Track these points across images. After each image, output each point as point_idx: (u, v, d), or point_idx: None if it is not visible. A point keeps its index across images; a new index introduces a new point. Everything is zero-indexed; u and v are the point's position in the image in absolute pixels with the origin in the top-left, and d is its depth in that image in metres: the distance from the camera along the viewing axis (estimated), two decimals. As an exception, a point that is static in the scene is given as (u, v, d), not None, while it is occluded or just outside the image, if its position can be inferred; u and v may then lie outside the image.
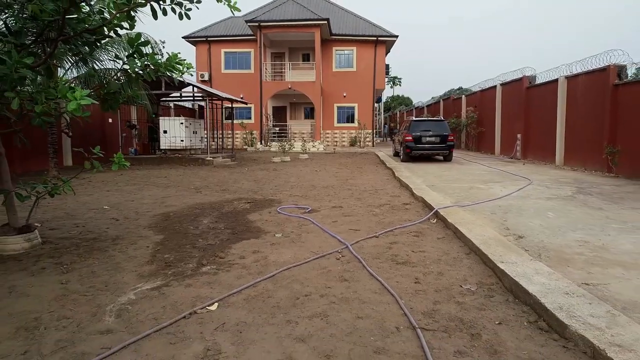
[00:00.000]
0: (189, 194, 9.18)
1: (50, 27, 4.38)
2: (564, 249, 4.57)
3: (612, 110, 11.27)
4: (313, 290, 3.69)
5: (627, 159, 10.73)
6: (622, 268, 3.96)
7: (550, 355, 2.56)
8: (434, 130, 15.54)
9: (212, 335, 2.89)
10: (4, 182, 4.87)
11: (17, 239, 4.77)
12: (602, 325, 2.65)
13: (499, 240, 4.76)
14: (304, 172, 13.34)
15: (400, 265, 4.31)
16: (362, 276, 4.03)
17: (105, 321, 3.15)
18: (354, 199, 8.29)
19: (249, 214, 7.05)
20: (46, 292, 3.70)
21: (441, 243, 5.14)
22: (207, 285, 3.83)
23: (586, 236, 5.09)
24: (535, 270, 3.69)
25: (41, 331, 3.00)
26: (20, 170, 12.27)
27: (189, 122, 16.66)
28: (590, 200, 7.52)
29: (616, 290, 3.44)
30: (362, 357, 2.58)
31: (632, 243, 4.78)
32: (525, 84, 16.46)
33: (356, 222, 6.30)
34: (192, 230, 5.92)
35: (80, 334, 2.94)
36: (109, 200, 8.38)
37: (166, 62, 4.59)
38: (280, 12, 25.18)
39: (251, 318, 3.15)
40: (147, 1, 4.45)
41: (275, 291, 3.67)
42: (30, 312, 3.28)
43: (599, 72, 11.92)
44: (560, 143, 14.02)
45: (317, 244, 5.17)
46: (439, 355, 2.58)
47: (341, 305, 3.35)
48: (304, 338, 2.83)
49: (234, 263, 4.46)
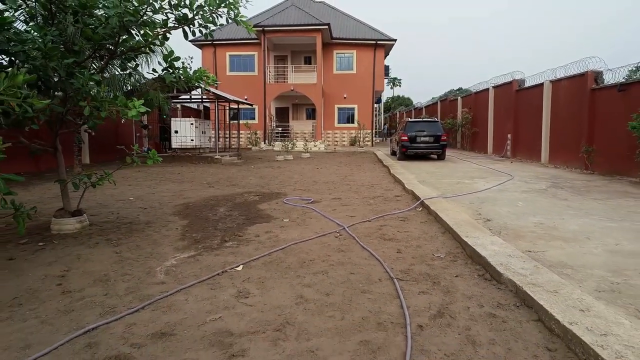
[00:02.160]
0: (203, 188, 10.17)
1: (102, 46, 5.38)
2: (521, 229, 5.57)
3: (590, 113, 12.27)
4: (316, 257, 4.68)
5: (601, 157, 11.73)
6: (562, 241, 4.95)
7: (487, 292, 3.56)
8: (428, 131, 16.53)
9: (241, 284, 3.89)
10: (60, 174, 5.88)
11: (71, 220, 5.78)
12: (526, 274, 3.64)
13: (470, 222, 5.76)
14: (306, 170, 14.34)
15: (386, 241, 5.31)
16: (355, 248, 5.02)
17: (157, 277, 4.15)
18: (352, 192, 9.29)
19: (258, 204, 8.04)
20: (106, 258, 4.71)
21: (423, 225, 6.14)
22: (232, 255, 4.82)
23: (543, 219, 6.09)
24: (491, 242, 4.68)
25: (112, 282, 4.00)
26: (45, 167, 13.30)
27: (198, 122, 17.69)
28: (560, 193, 8.51)
29: (550, 255, 4.43)
30: (352, 295, 3.58)
31: (579, 225, 5.77)
32: (515, 87, 17.46)
33: (353, 210, 7.29)
34: (211, 217, 6.92)
35: (142, 284, 3.94)
36: (133, 193, 9.37)
37: (196, 75, 5.58)
38: (283, 17, 26.19)
39: (269, 274, 4.15)
40: (181, 26, 5.47)
41: (286, 258, 4.67)
42: (99, 271, 4.28)
43: (579, 77, 12.91)
44: (545, 143, 15.02)
45: (319, 226, 6.16)
46: (407, 294, 3.58)
47: (338, 267, 4.35)
48: (310, 285, 3.83)
49: (251, 240, 5.46)
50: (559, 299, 3.10)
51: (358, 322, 3.09)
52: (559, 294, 3.19)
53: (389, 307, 3.33)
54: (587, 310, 2.90)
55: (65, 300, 3.58)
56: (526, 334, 2.87)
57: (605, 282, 3.66)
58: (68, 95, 4.66)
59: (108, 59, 5.19)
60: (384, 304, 3.39)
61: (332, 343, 2.80)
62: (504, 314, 3.17)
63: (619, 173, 10.92)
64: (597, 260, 4.26)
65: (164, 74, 5.56)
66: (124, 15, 4.53)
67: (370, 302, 3.44)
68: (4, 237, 5.56)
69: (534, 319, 3.06)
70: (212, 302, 3.49)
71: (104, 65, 5.22)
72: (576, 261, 4.25)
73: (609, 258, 4.34)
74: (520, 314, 3.16)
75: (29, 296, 3.66)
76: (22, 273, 4.22)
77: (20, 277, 4.10)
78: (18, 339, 2.91)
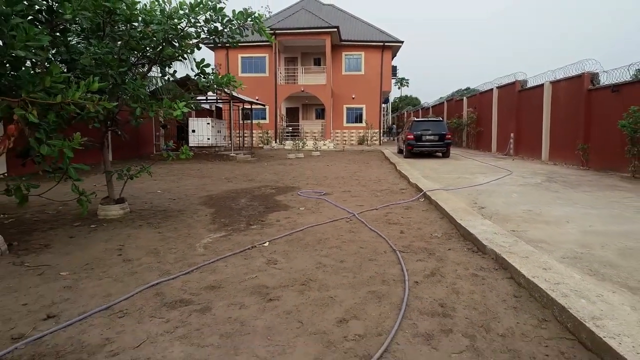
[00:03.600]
0: (222, 183, 11.00)
1: (144, 56, 6.22)
2: (510, 214, 6.32)
3: (586, 112, 12.93)
4: (330, 236, 5.47)
5: (596, 154, 12.39)
6: (544, 224, 5.70)
7: (472, 260, 4.33)
8: (433, 130, 17.25)
9: (269, 255, 4.69)
10: (106, 166, 6.73)
11: (116, 207, 6.63)
12: (506, 246, 4.40)
13: (465, 209, 6.51)
14: (317, 166, 15.14)
15: (391, 225, 6.08)
16: (364, 230, 5.80)
17: (198, 250, 4.96)
18: (360, 186, 10.06)
19: (275, 196, 8.85)
20: (151, 237, 5.54)
21: (424, 213, 6.91)
22: (258, 235, 5.63)
23: (532, 208, 6.82)
24: (481, 224, 5.44)
25: (162, 254, 4.82)
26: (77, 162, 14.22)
27: (214, 122, 18.58)
28: (553, 186, 9.22)
29: (531, 234, 5.18)
30: (362, 262, 4.37)
31: (563, 212, 6.50)
32: (517, 88, 18.11)
33: (361, 201, 8.07)
34: (234, 206, 7.73)
35: (186, 255, 4.75)
36: (159, 187, 10.23)
37: (224, 80, 6.40)
38: (293, 21, 27.03)
39: (292, 249, 4.94)
40: (212, 37, 6.29)
41: (304, 237, 5.46)
42: (148, 246, 5.11)
43: (576, 79, 13.57)
44: (545, 141, 15.67)
45: (332, 213, 6.95)
46: (407, 261, 4.35)
47: (349, 243, 5.13)
48: (326, 255, 4.63)
49: (272, 224, 6.26)
50: (528, 262, 3.85)
51: (366, 279, 3.88)
52: (529, 259, 3.94)
53: (392, 270, 4.11)
54: (549, 269, 3.66)
55: (127, 266, 4.40)
56: (499, 287, 3.63)
57: (571, 252, 4.42)
58: (120, 97, 5.49)
59: (150, 66, 6.03)
60: (388, 268, 4.17)
61: (347, 293, 3.58)
62: (484, 274, 3.94)
63: (612, 169, 11.58)
64: (570, 238, 5.01)
65: (196, 78, 6.38)
66: (168, 31, 5.35)
67: (376, 266, 4.23)
68: (59, 221, 6.42)
69: (507, 277, 3.83)
70: (247, 267, 4.29)
71: (147, 71, 6.07)
72: (552, 238, 5.00)
73: (581, 236, 5.08)
74: (497, 274, 3.93)
75: (97, 263, 4.49)
76: (85, 247, 5.05)
77: (85, 250, 4.93)
78: (100, 290, 3.74)
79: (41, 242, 5.20)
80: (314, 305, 3.35)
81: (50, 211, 7.08)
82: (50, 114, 4.20)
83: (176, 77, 7.15)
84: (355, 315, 3.15)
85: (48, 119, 4.18)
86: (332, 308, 3.29)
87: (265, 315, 3.19)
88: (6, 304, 3.44)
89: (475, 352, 2.62)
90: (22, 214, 6.90)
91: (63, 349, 2.74)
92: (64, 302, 3.48)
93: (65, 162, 4.60)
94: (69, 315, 3.22)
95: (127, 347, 2.75)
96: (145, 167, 6.90)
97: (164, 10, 5.46)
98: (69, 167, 4.57)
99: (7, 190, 4.91)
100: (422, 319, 3.08)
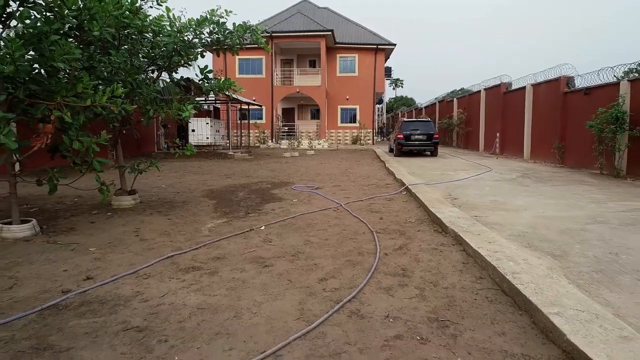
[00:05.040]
0: (222, 179, 11.79)
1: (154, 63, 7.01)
2: (478, 204, 7.15)
3: (562, 114, 13.81)
4: (318, 222, 6.28)
5: (570, 153, 13.28)
6: (504, 211, 6.54)
7: (436, 238, 5.15)
8: (422, 130, 18.12)
9: (265, 236, 5.49)
10: (120, 162, 7.52)
11: (128, 198, 7.41)
12: (465, 227, 5.23)
13: (439, 200, 7.34)
14: (311, 164, 15.96)
15: (373, 213, 6.90)
16: (348, 217, 6.62)
17: (203, 233, 5.76)
18: (350, 181, 10.88)
19: (271, 190, 9.65)
20: (162, 222, 6.33)
21: (404, 203, 7.73)
22: (255, 220, 6.43)
23: (499, 198, 7.67)
24: (449, 211, 6.27)
25: (173, 235, 5.61)
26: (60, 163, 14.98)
27: (213, 122, 19.38)
28: (525, 181, 10.08)
29: (490, 219, 6.02)
30: (343, 240, 5.18)
31: (525, 202, 7.34)
32: (503, 90, 18.99)
33: (349, 194, 8.88)
34: (234, 198, 8.53)
35: (194, 236, 5.55)
36: (163, 182, 11.01)
37: (225, 84, 7.20)
38: (289, 24, 27.85)
39: (284, 231, 5.75)
40: (214, 46, 7.09)
41: (296, 222, 6.27)
42: (160, 229, 5.90)
43: (554, 82, 14.46)
44: (527, 140, 16.55)
45: (321, 204, 7.76)
46: (381, 239, 5.17)
47: (334, 226, 5.95)
48: (314, 235, 5.44)
49: (268, 212, 7.06)
50: (478, 238, 4.68)
51: (345, 252, 4.70)
52: (480, 236, 4.77)
53: (367, 246, 4.93)
54: (493, 243, 4.48)
55: (144, 244, 5.20)
56: (452, 257, 4.46)
57: (518, 232, 5.25)
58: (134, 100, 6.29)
59: (160, 72, 6.83)
60: (364, 244, 4.99)
61: (328, 261, 4.40)
62: (442, 248, 4.77)
63: (584, 166, 12.46)
64: (522, 221, 5.85)
65: (201, 83, 7.19)
66: (177, 43, 6.15)
67: (355, 243, 5.05)
68: (77, 210, 7.20)
69: (460, 250, 4.66)
70: (246, 244, 5.10)
71: (157, 77, 6.86)
72: (506, 222, 5.84)
73: (532, 220, 5.92)
74: (453, 248, 4.76)
75: (118, 242, 5.28)
76: (106, 230, 5.84)
77: (106, 232, 5.72)
78: (124, 261, 4.53)
79: (66, 226, 5.99)
80: (301, 269, 4.17)
81: (67, 202, 7.86)
82: (80, 115, 5.00)
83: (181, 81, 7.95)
84: (333, 276, 3.97)
85: (78, 119, 4.97)
86: (315, 272, 4.10)
87: (262, 276, 4.00)
88: (50, 270, 4.24)
89: (422, 298, 3.45)
90: (42, 204, 7.67)
91: (104, 298, 3.54)
92: (97, 269, 4.27)
93: (90, 156, 5.39)
94: (103, 277, 4.02)
95: (154, 297, 3.55)
96: (154, 162, 7.69)
97: (174, 24, 6.25)
98: (94, 160, 5.35)
99: (38, 181, 5.71)
100: (386, 278, 3.90)
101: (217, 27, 6.52)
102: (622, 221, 5.80)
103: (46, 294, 3.64)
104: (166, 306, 3.35)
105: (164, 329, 2.96)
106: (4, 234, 5.18)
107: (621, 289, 3.43)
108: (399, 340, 2.77)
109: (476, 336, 2.81)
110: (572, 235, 5.10)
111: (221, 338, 2.84)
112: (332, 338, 2.81)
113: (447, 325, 2.97)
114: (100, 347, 2.73)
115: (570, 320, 2.67)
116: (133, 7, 5.96)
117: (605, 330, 2.53)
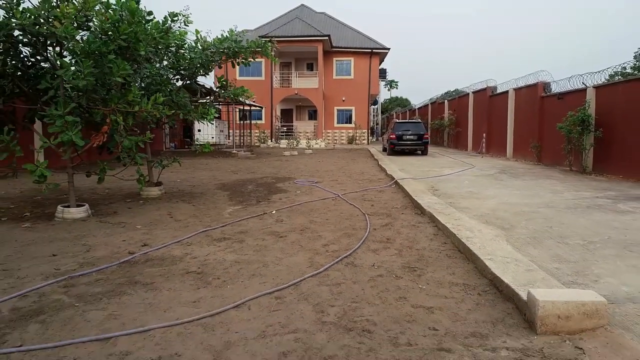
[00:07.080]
0: (229, 175, 13.00)
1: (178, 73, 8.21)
2: (454, 194, 8.41)
3: (540, 116, 15.13)
4: (319, 208, 7.51)
5: (546, 152, 14.60)
6: (475, 199, 7.80)
7: (415, 219, 6.40)
8: (413, 130, 19.42)
9: (277, 218, 6.72)
10: (148, 157, 8.72)
11: (155, 189, 8.61)
12: (439, 210, 6.47)
13: (422, 190, 8.59)
14: (310, 162, 17.19)
15: (366, 201, 8.15)
16: (344, 204, 7.85)
17: (225, 215, 6.97)
18: (346, 177, 12.13)
19: (276, 184, 10.87)
20: (188, 208, 7.54)
21: (392, 194, 8.98)
22: (267, 207, 7.65)
23: (473, 189, 8.93)
24: (429, 199, 7.51)
25: (200, 217, 6.82)
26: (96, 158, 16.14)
27: (217, 122, 20.59)
28: (501, 176, 11.36)
29: (462, 205, 7.28)
30: (340, 220, 6.42)
31: (494, 192, 8.61)
32: (489, 93, 20.31)
33: (345, 187, 10.12)
34: (244, 190, 9.74)
35: (218, 218, 6.76)
36: (177, 177, 12.20)
37: (238, 91, 8.40)
38: (288, 29, 29.09)
39: (292, 214, 6.97)
40: (230, 59, 8.31)
41: (300, 208, 7.50)
42: (189, 213, 7.11)
43: (533, 87, 15.78)
44: (510, 140, 17.87)
45: (321, 195, 8.99)
46: (371, 219, 6.40)
47: (333, 211, 7.18)
48: (317, 217, 6.67)
49: (276, 201, 8.28)
50: (448, 217, 5.93)
51: (343, 228, 5.93)
52: (449, 216, 6.02)
53: (360, 224, 6.17)
54: (458, 220, 5.73)
55: (178, 223, 6.41)
56: (426, 230, 5.71)
57: (481, 213, 6.51)
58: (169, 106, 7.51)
59: (185, 81, 8.04)
60: (357, 223, 6.23)
61: (329, 234, 5.63)
62: (419, 225, 6.01)
63: (557, 164, 13.77)
64: (486, 206, 7.11)
65: (218, 90, 8.39)
66: (202, 58, 7.38)
67: (350, 222, 6.29)
68: (112, 199, 8.39)
69: (433, 226, 5.91)
70: (263, 223, 6.33)
71: (182, 85, 8.08)
72: (474, 206, 7.10)
73: (495, 205, 7.19)
74: (428, 225, 6.00)
75: (157, 222, 6.48)
76: (143, 213, 7.04)
77: (145, 215, 6.92)
78: (168, 235, 5.73)
79: (110, 211, 7.19)
80: (308, 239, 5.40)
81: (100, 193, 9.05)
82: (129, 118, 6.20)
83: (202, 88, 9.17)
84: (333, 243, 5.20)
85: (127, 121, 6.18)
86: (319, 240, 5.34)
87: (279, 243, 5.22)
88: (112, 240, 5.44)
89: (399, 255, 4.69)
90: (80, 194, 8.85)
91: (161, 257, 4.75)
92: (148, 240, 5.47)
93: (133, 152, 6.59)
94: (156, 244, 5.22)
95: (200, 255, 4.76)
96: (176, 159, 8.89)
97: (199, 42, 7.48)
98: (136, 155, 6.56)
99: (88, 173, 6.92)
100: (373, 244, 5.14)
101: (235, 44, 7.75)
102: (567, 206, 7.09)
103: (117, 254, 4.84)
104: (211, 261, 4.57)
105: (215, 272, 4.18)
106: (65, 215, 6.37)
107: (543, 247, 4.69)
108: (381, 278, 4.01)
109: (434, 275, 4.05)
110: (523, 216, 6.36)
111: (256, 277, 4.06)
112: (334, 276, 4.04)
113: (415, 269, 4.21)
114: (173, 281, 3.95)
115: (497, 263, 3.92)
116: (164, 27, 7.17)
117: (518, 267, 3.78)
